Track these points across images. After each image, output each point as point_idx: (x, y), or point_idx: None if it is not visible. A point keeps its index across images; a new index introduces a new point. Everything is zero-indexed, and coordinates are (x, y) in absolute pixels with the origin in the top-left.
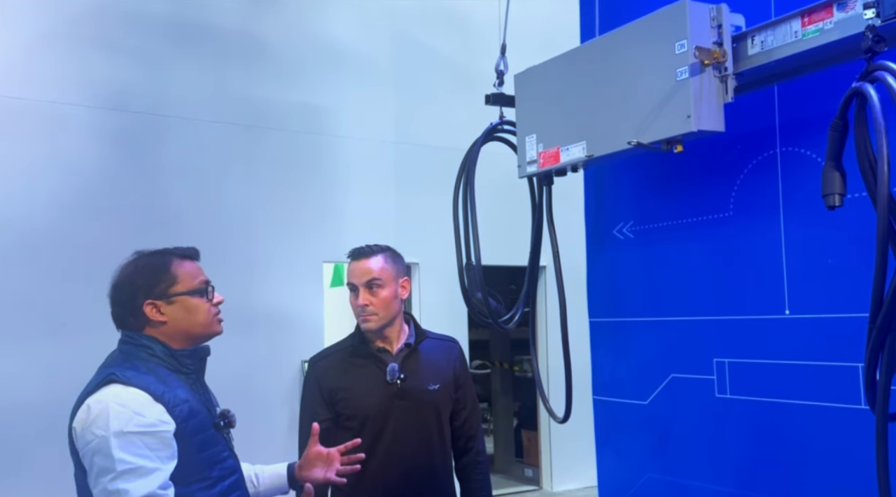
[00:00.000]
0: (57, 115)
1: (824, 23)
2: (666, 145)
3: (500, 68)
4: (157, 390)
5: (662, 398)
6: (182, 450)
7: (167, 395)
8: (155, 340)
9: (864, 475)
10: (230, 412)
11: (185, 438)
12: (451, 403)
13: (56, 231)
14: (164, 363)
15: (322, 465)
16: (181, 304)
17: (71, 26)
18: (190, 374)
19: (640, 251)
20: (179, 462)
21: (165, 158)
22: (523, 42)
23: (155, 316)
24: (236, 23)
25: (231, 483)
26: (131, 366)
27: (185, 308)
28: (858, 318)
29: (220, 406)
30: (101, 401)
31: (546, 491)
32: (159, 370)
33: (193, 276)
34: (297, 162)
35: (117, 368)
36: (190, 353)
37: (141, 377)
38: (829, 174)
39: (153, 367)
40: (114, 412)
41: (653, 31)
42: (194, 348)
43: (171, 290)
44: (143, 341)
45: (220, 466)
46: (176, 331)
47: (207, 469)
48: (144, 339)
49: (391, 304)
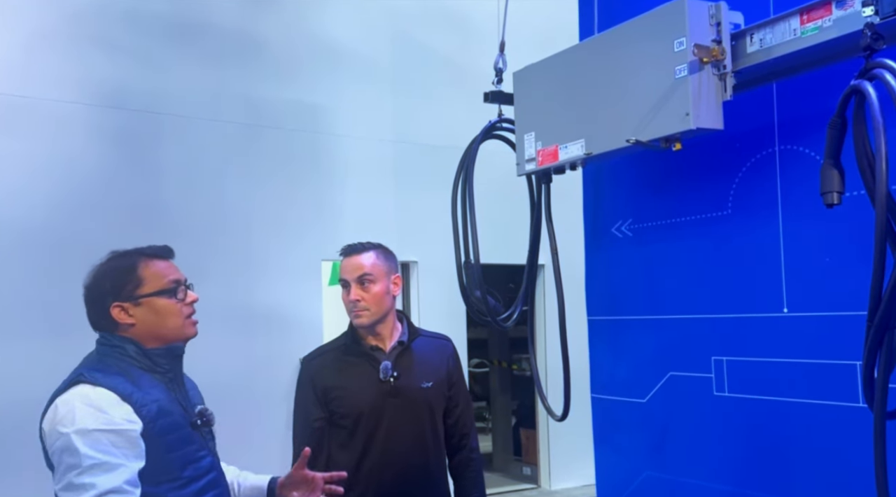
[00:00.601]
0: (56, 113)
1: (823, 20)
2: (664, 143)
3: (499, 66)
4: (125, 390)
5: (661, 396)
6: (151, 450)
7: (135, 395)
8: (128, 340)
9: (862, 473)
10: (208, 411)
11: (154, 438)
12: (444, 401)
13: (54, 229)
14: (136, 363)
15: (305, 489)
16: (148, 306)
17: (70, 25)
18: (166, 373)
19: (639, 249)
20: (148, 462)
21: (164, 157)
22: (522, 40)
23: (123, 318)
24: (234, 22)
25: (206, 483)
26: (102, 366)
27: (153, 310)
28: (857, 316)
29: (202, 404)
30: (68, 401)
31: (544, 489)
32: (132, 370)
33: (162, 276)
34: (295, 160)
35: (86, 369)
36: (164, 352)
37: (109, 378)
38: (827, 172)
39: (125, 367)
40: (80, 411)
41: (651, 28)
42: (168, 347)
43: (137, 292)
44: (116, 342)
45: (195, 466)
46: (146, 332)
47: (179, 469)
48: (116, 340)
49: (383, 300)
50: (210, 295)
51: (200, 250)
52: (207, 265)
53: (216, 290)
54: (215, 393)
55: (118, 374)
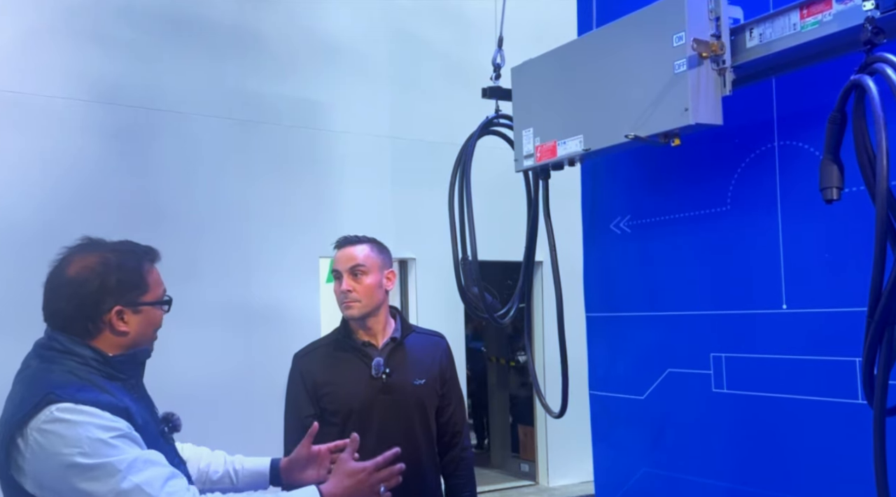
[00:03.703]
0: (51, 109)
1: (823, 15)
2: (663, 139)
3: (497, 61)
4: (108, 402)
5: (659, 393)
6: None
7: (119, 404)
8: (86, 346)
9: (861, 470)
10: (174, 416)
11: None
12: (436, 399)
13: (49, 225)
14: (96, 371)
15: (314, 466)
16: (145, 315)
17: (66, 20)
18: (127, 379)
19: (637, 246)
20: None
21: (160, 153)
22: (520, 35)
23: (119, 325)
24: (231, 17)
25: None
26: (65, 380)
27: (148, 320)
28: (856, 312)
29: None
30: (59, 420)
31: (542, 486)
32: (95, 378)
33: (159, 285)
34: (292, 156)
35: (52, 386)
36: (127, 358)
37: (83, 393)
38: (826, 168)
39: (86, 375)
40: (82, 427)
41: (650, 23)
42: (132, 352)
43: (141, 299)
44: (71, 347)
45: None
46: (128, 342)
47: None
48: (73, 345)
49: (375, 293)
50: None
51: (197, 247)
52: (204, 262)
53: (213, 286)
54: (212, 390)
55: (87, 386)
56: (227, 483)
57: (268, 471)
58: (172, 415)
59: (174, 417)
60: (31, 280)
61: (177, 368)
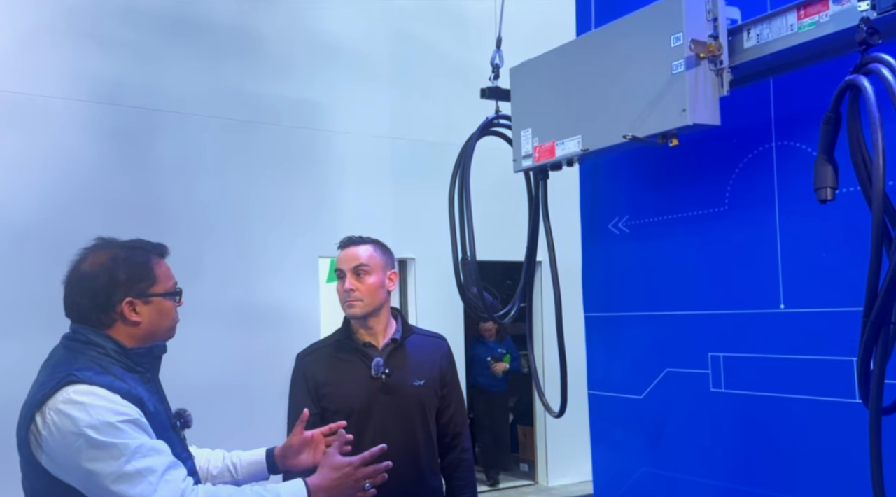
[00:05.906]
0: (51, 109)
1: (820, 16)
2: (661, 139)
3: (496, 62)
4: (121, 388)
5: (657, 393)
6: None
7: (132, 392)
8: (107, 338)
9: (857, 469)
10: (186, 412)
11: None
12: (436, 400)
13: (50, 225)
14: (116, 362)
15: (309, 452)
16: (156, 306)
17: (66, 21)
18: (144, 373)
19: (636, 246)
20: None
21: (160, 153)
22: (519, 36)
23: (131, 315)
24: (231, 17)
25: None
26: (85, 366)
27: (159, 310)
28: (853, 312)
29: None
30: (75, 401)
31: (541, 485)
32: (114, 369)
33: (169, 277)
34: (292, 157)
35: (72, 369)
36: (145, 351)
37: (101, 376)
38: (821, 168)
39: (107, 365)
40: (94, 408)
41: (648, 24)
42: (150, 346)
43: (150, 290)
44: (94, 338)
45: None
46: (142, 332)
47: None
48: (97, 337)
49: (377, 293)
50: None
51: (197, 247)
52: (204, 262)
53: (213, 287)
54: (213, 389)
55: (105, 372)
56: (227, 477)
57: (265, 460)
58: (185, 411)
59: (186, 413)
60: (31, 280)
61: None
